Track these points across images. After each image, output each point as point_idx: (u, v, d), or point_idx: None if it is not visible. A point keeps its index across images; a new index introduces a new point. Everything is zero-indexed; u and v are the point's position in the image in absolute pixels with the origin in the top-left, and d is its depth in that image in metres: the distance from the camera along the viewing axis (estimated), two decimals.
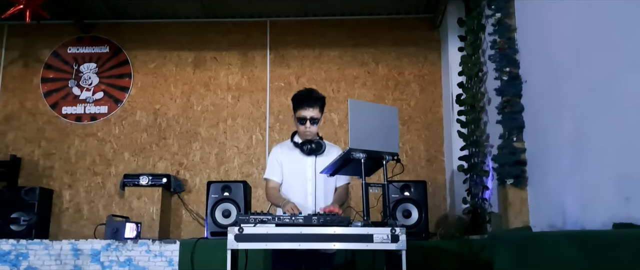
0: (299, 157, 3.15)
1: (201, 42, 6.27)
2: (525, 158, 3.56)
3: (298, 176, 3.13)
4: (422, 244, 4.04)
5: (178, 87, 6.17)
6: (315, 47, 6.19)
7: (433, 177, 5.77)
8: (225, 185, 4.73)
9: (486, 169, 4.18)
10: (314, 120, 3.09)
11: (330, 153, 3.15)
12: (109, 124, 6.12)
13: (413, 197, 4.53)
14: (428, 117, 5.96)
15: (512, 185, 3.57)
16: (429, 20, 6.16)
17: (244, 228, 2.39)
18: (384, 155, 2.61)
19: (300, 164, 3.14)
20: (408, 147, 5.89)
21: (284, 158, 3.20)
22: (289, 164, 3.17)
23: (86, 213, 5.88)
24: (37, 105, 6.19)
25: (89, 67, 6.28)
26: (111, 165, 6.00)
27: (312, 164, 3.12)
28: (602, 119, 2.55)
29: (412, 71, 6.08)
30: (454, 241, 4.08)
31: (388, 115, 2.70)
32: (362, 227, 2.41)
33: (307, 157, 3.13)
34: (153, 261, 4.01)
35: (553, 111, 3.13)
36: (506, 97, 3.66)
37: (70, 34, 6.34)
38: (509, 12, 3.83)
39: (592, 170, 2.66)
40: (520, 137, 3.60)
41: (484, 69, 4.30)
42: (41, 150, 6.06)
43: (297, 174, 3.14)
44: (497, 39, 3.82)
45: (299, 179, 3.12)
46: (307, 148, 3.10)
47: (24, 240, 4.12)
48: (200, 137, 6.05)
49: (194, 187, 5.92)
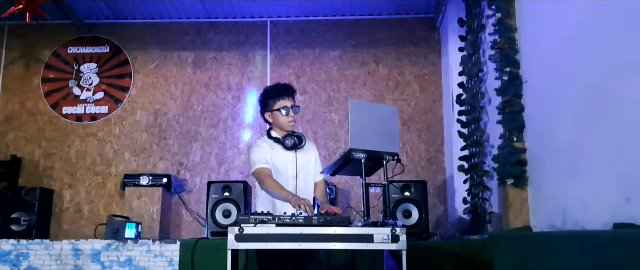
0: (281, 153, 3.03)
1: (201, 42, 6.27)
2: (526, 158, 3.55)
3: (281, 173, 3.01)
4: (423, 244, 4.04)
5: (178, 87, 6.18)
6: (316, 47, 6.19)
7: (433, 177, 5.77)
8: (225, 185, 4.73)
9: (486, 169, 4.18)
10: (297, 109, 3.06)
11: (307, 147, 3.09)
12: (109, 124, 6.12)
13: (413, 197, 4.53)
14: (428, 117, 5.95)
15: (512, 185, 3.57)
16: (429, 20, 6.16)
17: (244, 228, 2.39)
18: (384, 155, 2.61)
19: (283, 160, 3.03)
20: (408, 147, 5.89)
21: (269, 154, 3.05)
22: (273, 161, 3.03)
23: (86, 213, 5.88)
24: (37, 105, 6.19)
25: (90, 67, 6.28)
26: (111, 165, 6.00)
27: (293, 159, 3.03)
28: (602, 119, 2.55)
29: (413, 71, 6.08)
30: (455, 241, 4.08)
31: (388, 115, 2.69)
32: (363, 227, 2.41)
33: (289, 153, 3.03)
34: (153, 261, 4.01)
35: (553, 111, 3.12)
36: (506, 97, 3.66)
37: (70, 34, 6.35)
38: (510, 12, 3.82)
39: (593, 170, 2.66)
40: (520, 137, 3.60)
41: (484, 69, 4.30)
42: (41, 150, 6.06)
43: (280, 170, 3.01)
44: (497, 39, 3.81)
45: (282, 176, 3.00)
46: (290, 142, 3.00)
47: (25, 240, 4.11)
48: (200, 137, 6.05)
49: (194, 187, 5.92)
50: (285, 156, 3.03)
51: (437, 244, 4.10)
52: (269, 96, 3.07)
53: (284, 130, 3.07)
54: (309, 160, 3.09)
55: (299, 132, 3.11)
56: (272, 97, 3.06)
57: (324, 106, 6.04)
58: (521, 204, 3.54)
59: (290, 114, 3.02)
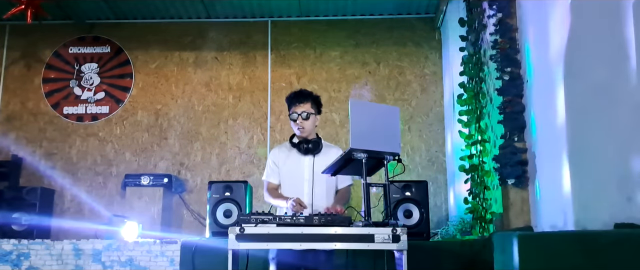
0: (296, 158, 3.16)
1: (202, 42, 6.27)
2: (527, 158, 3.55)
3: (295, 177, 3.13)
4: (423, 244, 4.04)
5: (179, 87, 6.18)
6: (317, 47, 6.19)
7: (434, 177, 5.76)
8: (226, 185, 4.72)
9: (487, 168, 4.17)
10: (306, 115, 3.11)
11: (328, 153, 3.15)
12: (110, 124, 6.13)
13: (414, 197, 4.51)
14: (429, 117, 5.95)
15: (513, 185, 3.57)
16: (430, 20, 6.16)
17: (245, 228, 2.39)
18: (385, 155, 2.61)
19: (297, 164, 3.15)
20: (409, 147, 5.89)
21: (281, 159, 3.21)
22: (287, 165, 3.18)
23: (87, 213, 5.88)
24: (38, 105, 6.20)
25: (90, 67, 6.29)
26: (112, 165, 6.00)
27: (310, 164, 3.12)
28: (603, 119, 2.54)
29: (413, 71, 6.08)
30: (455, 241, 4.07)
31: (389, 115, 2.69)
32: (363, 227, 2.41)
33: (305, 157, 3.14)
34: (154, 261, 4.01)
35: (554, 111, 3.12)
36: (507, 97, 3.65)
37: (71, 34, 6.35)
38: (510, 12, 3.82)
39: (593, 170, 2.65)
40: (521, 137, 3.60)
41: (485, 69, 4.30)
42: (42, 150, 6.07)
43: (294, 174, 3.14)
44: (498, 39, 3.81)
45: (296, 180, 3.12)
46: (303, 147, 3.11)
47: (26, 240, 4.12)
48: (201, 137, 6.05)
49: (195, 187, 5.92)
50: (301, 160, 3.15)
51: (438, 244, 4.09)
52: (288, 102, 3.21)
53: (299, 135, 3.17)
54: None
55: (317, 138, 3.19)
56: (289, 104, 3.19)
57: (325, 106, 5.92)
58: (522, 204, 3.54)
59: (298, 120, 3.10)
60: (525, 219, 3.51)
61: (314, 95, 3.21)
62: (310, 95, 3.19)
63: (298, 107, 3.11)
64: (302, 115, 3.10)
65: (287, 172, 3.18)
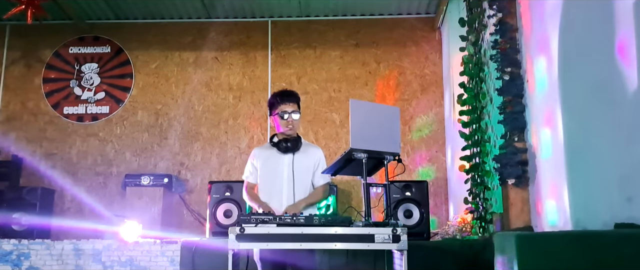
0: (276, 156, 3.17)
1: (202, 42, 6.27)
2: (527, 158, 3.55)
3: (274, 175, 3.15)
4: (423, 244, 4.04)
5: (179, 87, 6.18)
6: (317, 47, 6.19)
7: (434, 177, 5.76)
8: (226, 185, 4.73)
9: (488, 169, 4.17)
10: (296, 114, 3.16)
11: (307, 151, 3.20)
12: (110, 124, 6.13)
13: (414, 197, 4.52)
14: (429, 117, 5.95)
15: (513, 185, 3.57)
16: (430, 20, 6.16)
17: (246, 228, 2.39)
18: (385, 155, 2.61)
19: (276, 163, 3.16)
20: (409, 147, 5.88)
21: (261, 158, 3.23)
22: (266, 165, 3.20)
23: (88, 213, 5.88)
24: (38, 105, 6.20)
25: (91, 67, 6.29)
26: (113, 165, 6.00)
27: (289, 162, 3.14)
28: (603, 119, 2.54)
29: (414, 71, 6.08)
30: (455, 241, 4.07)
31: (389, 115, 2.70)
32: (364, 227, 2.41)
33: (284, 156, 3.15)
34: (154, 261, 4.01)
35: (554, 111, 3.12)
36: (508, 97, 3.65)
37: (71, 34, 6.35)
38: (510, 11, 3.82)
39: (594, 170, 2.65)
40: (521, 137, 3.60)
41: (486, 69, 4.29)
42: (43, 150, 6.07)
43: (273, 173, 3.16)
44: (498, 39, 3.81)
45: (275, 179, 3.14)
46: (283, 146, 3.13)
47: (26, 240, 4.12)
48: (201, 137, 6.05)
49: (196, 187, 5.92)
50: (280, 159, 3.17)
51: (438, 244, 4.09)
52: (274, 99, 3.23)
53: (283, 134, 3.20)
54: (307, 165, 3.18)
55: (297, 137, 3.21)
56: (276, 101, 3.20)
57: (325, 106, 6.04)
58: (522, 204, 3.54)
59: (289, 118, 3.14)
60: (525, 219, 3.51)
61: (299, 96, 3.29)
62: (297, 95, 3.27)
63: (288, 106, 3.15)
64: (292, 114, 3.14)
65: (266, 172, 3.19)
